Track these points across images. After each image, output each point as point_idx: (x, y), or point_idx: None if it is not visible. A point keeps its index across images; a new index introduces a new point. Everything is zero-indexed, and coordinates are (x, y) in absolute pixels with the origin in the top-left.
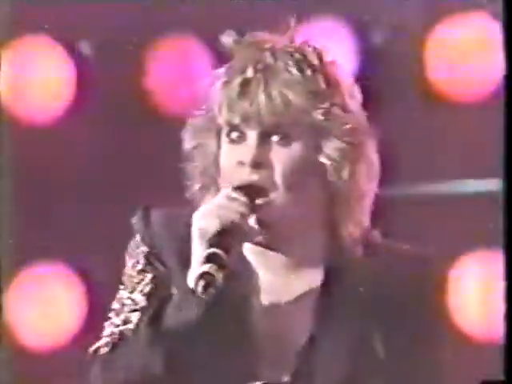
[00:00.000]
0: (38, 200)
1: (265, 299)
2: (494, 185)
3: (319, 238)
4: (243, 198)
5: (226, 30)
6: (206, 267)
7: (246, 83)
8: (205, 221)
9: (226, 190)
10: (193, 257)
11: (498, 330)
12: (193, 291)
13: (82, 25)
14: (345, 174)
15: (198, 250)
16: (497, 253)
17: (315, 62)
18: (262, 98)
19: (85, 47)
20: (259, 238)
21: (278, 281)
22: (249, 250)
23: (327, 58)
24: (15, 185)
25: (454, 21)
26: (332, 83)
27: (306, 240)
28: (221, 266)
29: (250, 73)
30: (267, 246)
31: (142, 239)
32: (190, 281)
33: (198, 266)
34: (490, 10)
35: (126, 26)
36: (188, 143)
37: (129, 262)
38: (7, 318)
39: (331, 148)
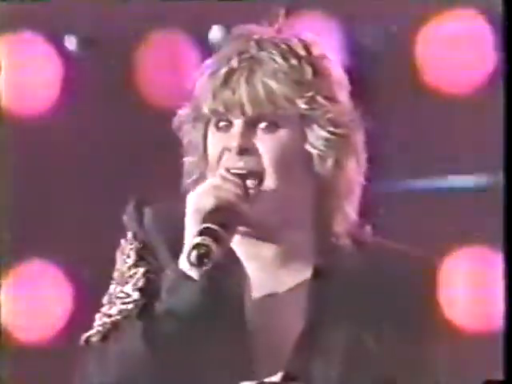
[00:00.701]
0: (26, 196)
1: (255, 294)
2: (482, 180)
3: (308, 230)
4: (237, 179)
5: (214, 24)
6: (199, 239)
7: (230, 73)
8: (200, 200)
9: (221, 172)
10: (186, 235)
11: (491, 323)
12: (185, 275)
13: (70, 20)
14: (329, 163)
15: (192, 228)
16: (489, 248)
17: (301, 52)
18: (243, 86)
19: (72, 42)
20: (249, 229)
21: (268, 275)
22: (238, 242)
23: (316, 50)
24: (1, 181)
25: (443, 15)
26: (319, 73)
27: (295, 231)
28: (216, 238)
29: (234, 63)
30: (257, 237)
31: (134, 236)
32: (183, 261)
33: (191, 242)
34: (478, 5)
35: (114, 20)
36: (182, 139)
37: (120, 259)
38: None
39: (315, 137)
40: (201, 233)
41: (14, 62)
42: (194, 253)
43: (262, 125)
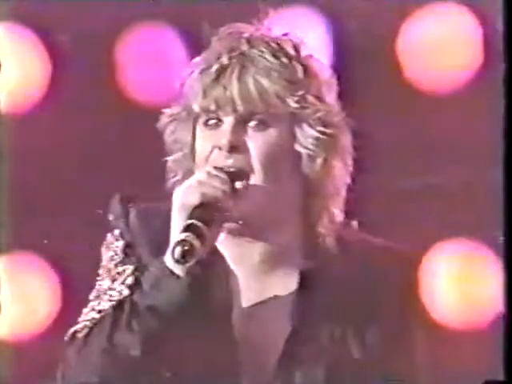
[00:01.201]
0: (13, 190)
1: (243, 301)
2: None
3: (295, 231)
4: (224, 176)
5: (201, 18)
6: (183, 235)
7: (221, 70)
8: (185, 196)
9: (208, 168)
10: (172, 231)
11: (488, 321)
12: (170, 272)
13: (58, 15)
14: (318, 163)
15: (178, 224)
16: (487, 245)
17: (291, 52)
18: (235, 84)
19: (60, 37)
20: (236, 227)
21: (256, 281)
22: (225, 244)
23: (304, 50)
24: None
25: (428, 10)
26: (309, 73)
27: (282, 232)
28: (199, 235)
29: (225, 60)
30: (244, 235)
31: (121, 234)
32: (168, 258)
33: (176, 238)
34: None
35: (100, 15)
36: (167, 137)
37: (106, 255)
38: None
39: (305, 136)
40: (185, 229)
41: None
42: (178, 249)
43: (253, 123)
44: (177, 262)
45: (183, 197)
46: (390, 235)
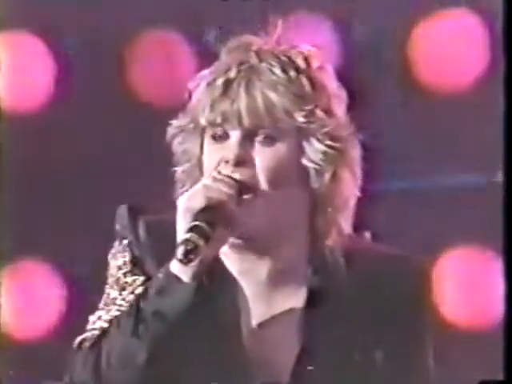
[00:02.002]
0: (20, 195)
1: (252, 319)
2: (482, 179)
3: (303, 246)
4: (230, 180)
5: (210, 25)
6: (187, 235)
7: (228, 83)
8: (190, 200)
9: (214, 173)
10: (178, 234)
11: (490, 323)
12: (176, 278)
13: (66, 19)
14: (327, 177)
15: (182, 227)
16: (488, 247)
17: (301, 64)
18: (242, 97)
19: (68, 42)
20: (242, 242)
21: (263, 295)
22: (232, 259)
23: (315, 62)
24: None
25: (437, 15)
26: (317, 87)
27: (289, 246)
28: (203, 235)
29: (233, 73)
30: (250, 249)
31: (129, 245)
32: (173, 264)
33: (181, 239)
34: (471, 5)
35: (109, 20)
36: (175, 148)
37: (113, 264)
38: None
39: (313, 150)
40: (189, 230)
41: (9, 60)
42: (181, 248)
43: (260, 137)
44: (180, 261)
45: (188, 201)
46: (402, 241)
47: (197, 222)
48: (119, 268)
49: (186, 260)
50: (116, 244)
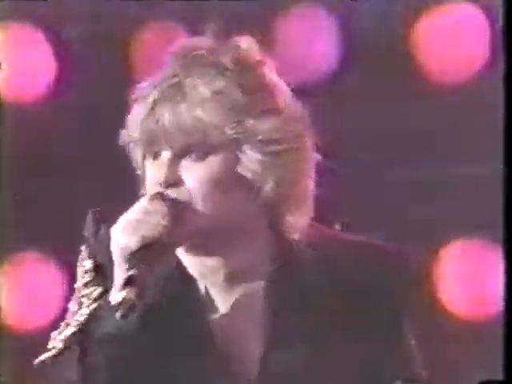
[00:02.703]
0: (21, 187)
1: (213, 316)
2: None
3: (263, 244)
4: (163, 208)
5: (211, 19)
6: (124, 293)
7: (156, 101)
8: (124, 238)
9: (143, 203)
10: (115, 276)
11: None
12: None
13: (66, 10)
14: (270, 184)
15: (119, 270)
16: (489, 239)
17: (233, 67)
18: (167, 116)
19: (70, 34)
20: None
21: (225, 292)
22: (188, 261)
23: (252, 58)
24: None
25: (437, 10)
26: (253, 86)
27: (245, 247)
28: (140, 286)
29: (161, 90)
30: (203, 255)
31: (91, 252)
32: (113, 301)
33: (118, 288)
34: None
35: (111, 12)
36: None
37: (79, 271)
38: None
39: (248, 160)
40: (126, 282)
41: (11, 52)
42: (120, 310)
43: (191, 155)
44: (121, 317)
45: (122, 240)
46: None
47: (132, 272)
48: (82, 277)
49: (126, 318)
50: (82, 251)
